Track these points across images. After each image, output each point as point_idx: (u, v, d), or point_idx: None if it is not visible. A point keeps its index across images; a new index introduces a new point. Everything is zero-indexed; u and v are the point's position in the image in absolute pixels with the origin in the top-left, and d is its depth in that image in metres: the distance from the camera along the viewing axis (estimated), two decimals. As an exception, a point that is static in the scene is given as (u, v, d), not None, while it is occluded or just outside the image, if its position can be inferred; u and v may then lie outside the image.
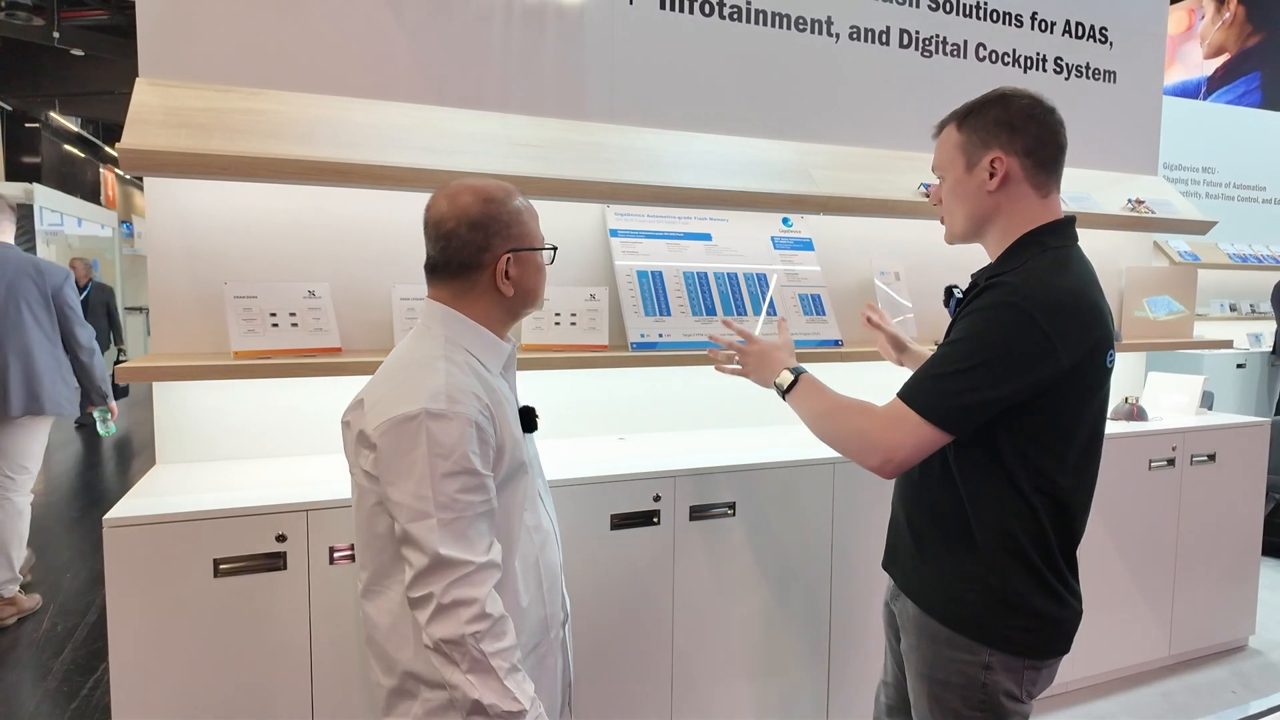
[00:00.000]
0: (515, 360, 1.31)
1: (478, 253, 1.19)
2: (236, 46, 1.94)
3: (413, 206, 2.10)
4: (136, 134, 1.70)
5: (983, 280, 1.26)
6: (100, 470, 5.93)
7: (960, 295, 1.34)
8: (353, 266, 2.05)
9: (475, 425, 1.09)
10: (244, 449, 2.00)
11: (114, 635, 1.52)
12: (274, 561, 1.61)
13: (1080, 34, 2.99)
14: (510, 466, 1.18)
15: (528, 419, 1.28)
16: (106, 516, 1.51)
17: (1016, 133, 1.24)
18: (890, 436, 1.19)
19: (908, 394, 1.21)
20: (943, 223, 1.37)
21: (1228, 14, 8.51)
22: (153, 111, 1.80)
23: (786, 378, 1.44)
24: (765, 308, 2.33)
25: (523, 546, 1.22)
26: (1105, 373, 1.24)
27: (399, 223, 2.10)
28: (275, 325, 1.86)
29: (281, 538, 1.61)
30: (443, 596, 1.03)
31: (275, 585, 1.61)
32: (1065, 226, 1.27)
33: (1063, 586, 1.25)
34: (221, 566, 1.57)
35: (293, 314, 1.89)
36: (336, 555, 1.65)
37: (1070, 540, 1.27)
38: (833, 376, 2.62)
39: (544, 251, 1.28)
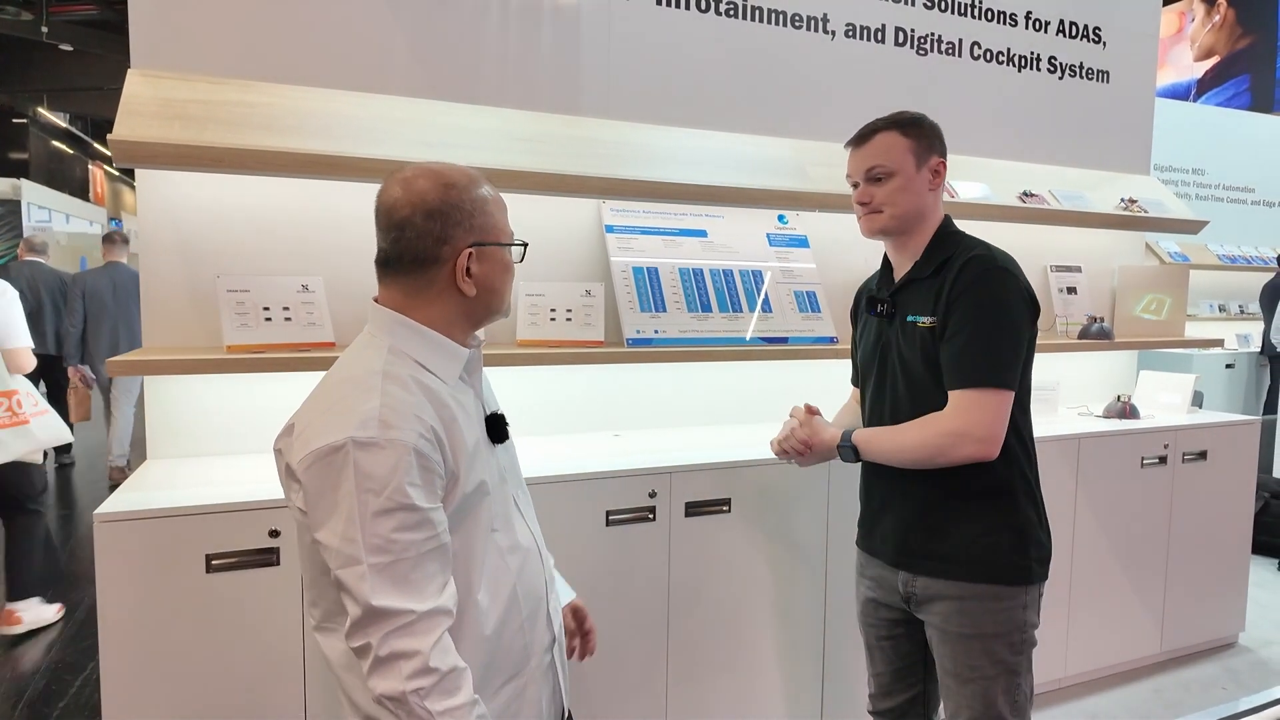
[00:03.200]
0: (480, 363, 1.15)
1: (435, 245, 1.03)
2: (229, 38, 1.92)
3: (407, 201, 2.09)
4: (128, 125, 1.68)
5: (927, 270, 1.46)
6: (92, 465, 5.87)
7: (887, 296, 1.53)
8: (347, 260, 2.04)
9: (415, 452, 0.94)
10: (237, 444, 1.98)
11: (104, 632, 1.50)
12: (266, 557, 1.59)
13: (1074, 34, 3.00)
14: (468, 489, 1.03)
15: (496, 428, 1.13)
16: (96, 511, 1.49)
17: (942, 143, 1.51)
18: (977, 421, 1.35)
19: (966, 379, 1.37)
20: (873, 217, 1.51)
21: (1217, 17, 8.58)
22: (145, 103, 1.78)
23: (848, 453, 1.54)
24: (760, 304, 2.34)
25: (492, 573, 1.07)
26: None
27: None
28: (268, 320, 1.84)
29: (274, 533, 1.60)
30: (380, 648, 0.90)
31: (268, 581, 1.60)
32: (952, 218, 1.55)
33: (1045, 517, 1.50)
34: (214, 562, 1.56)
35: (286, 308, 1.87)
36: (330, 551, 1.64)
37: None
38: (828, 373, 2.63)
39: (512, 248, 1.12)
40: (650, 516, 1.94)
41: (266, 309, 1.85)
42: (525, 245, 1.15)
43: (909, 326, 1.47)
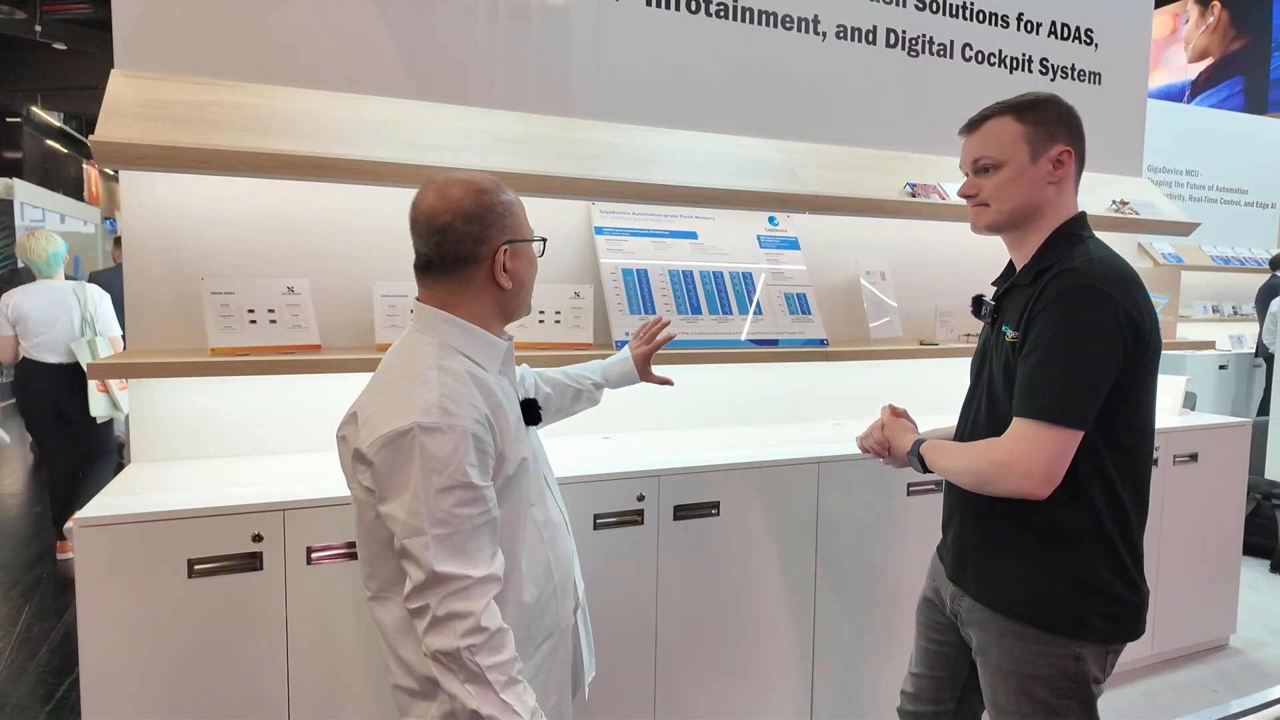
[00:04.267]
0: (513, 356, 1.29)
1: (474, 245, 1.16)
2: (215, 38, 1.91)
3: (394, 202, 2.08)
4: (111, 126, 1.67)
5: (1028, 277, 1.31)
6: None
7: (991, 302, 1.41)
8: (333, 262, 2.03)
9: (472, 436, 1.07)
10: (221, 447, 1.97)
11: (84, 638, 1.49)
12: (250, 562, 1.58)
13: (1066, 35, 3.00)
14: (513, 467, 1.17)
15: (530, 412, 1.27)
16: (76, 516, 1.48)
17: (1074, 130, 1.33)
18: (1024, 455, 1.20)
19: (1025, 408, 1.22)
20: (980, 211, 1.37)
21: (1211, 18, 8.59)
22: (128, 104, 1.76)
23: (916, 463, 1.44)
24: (753, 308, 2.33)
25: (530, 544, 1.21)
26: (1160, 346, 1.29)
27: (380, 218, 2.08)
28: (253, 322, 1.83)
29: (258, 537, 1.58)
30: (438, 609, 1.03)
31: (251, 586, 1.58)
32: (1086, 219, 1.36)
33: (1136, 569, 1.30)
34: (196, 567, 1.54)
35: (271, 310, 1.86)
36: (314, 555, 1.63)
37: (1143, 521, 1.32)
38: (816, 375, 2.63)
39: (535, 243, 1.26)
40: (638, 520, 1.93)
41: (251, 311, 1.84)
42: (545, 241, 1.29)
43: (1000, 338, 1.34)
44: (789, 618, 2.13)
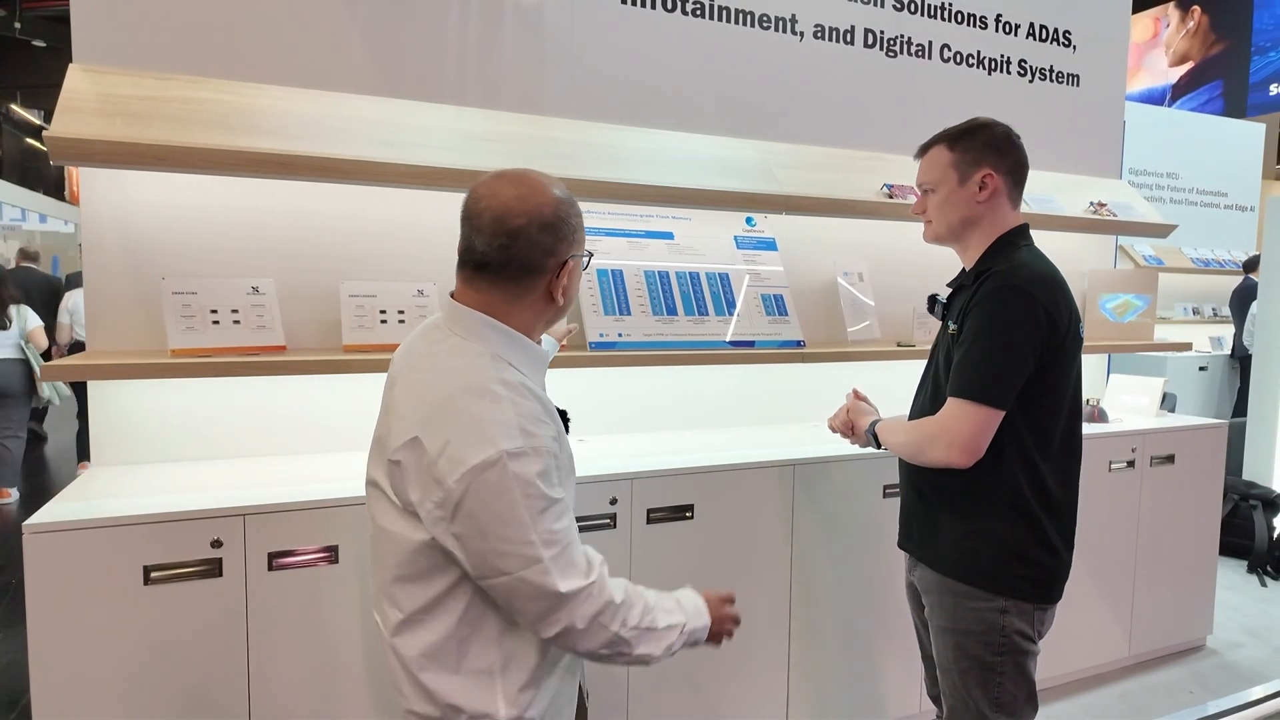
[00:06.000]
0: (547, 364, 1.23)
1: (544, 256, 1.08)
2: (178, 33, 1.87)
3: (361, 201, 2.05)
4: (67, 122, 1.63)
5: (970, 279, 1.51)
6: (44, 476, 5.75)
7: (943, 300, 1.61)
8: (300, 262, 1.99)
9: (550, 454, 1.04)
10: (183, 451, 1.92)
11: (35, 649, 1.44)
12: (209, 568, 1.54)
13: (1044, 37, 3.00)
14: (566, 474, 1.14)
15: (564, 421, 1.23)
16: (27, 522, 1.44)
17: (1002, 155, 1.50)
18: (951, 428, 1.39)
19: (955, 388, 1.41)
20: (926, 226, 1.59)
21: (1192, 23, 8.67)
22: (86, 99, 1.72)
23: (871, 440, 1.65)
24: (731, 308, 2.31)
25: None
26: (1079, 341, 1.49)
27: (348, 217, 2.05)
28: (216, 323, 1.79)
29: (217, 543, 1.55)
30: (579, 622, 1.02)
31: (210, 594, 1.55)
32: (1027, 230, 1.55)
33: (1060, 539, 1.47)
34: (153, 575, 1.50)
35: (235, 310, 1.82)
36: (276, 561, 1.59)
37: (1068, 498, 1.49)
38: (793, 378, 2.61)
39: (586, 256, 1.20)
40: (611, 524, 1.90)
41: (214, 311, 1.80)
42: (592, 255, 1.24)
43: (945, 331, 1.55)
44: (765, 622, 2.11)
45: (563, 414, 1.23)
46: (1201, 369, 6.12)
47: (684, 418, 2.51)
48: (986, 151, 1.48)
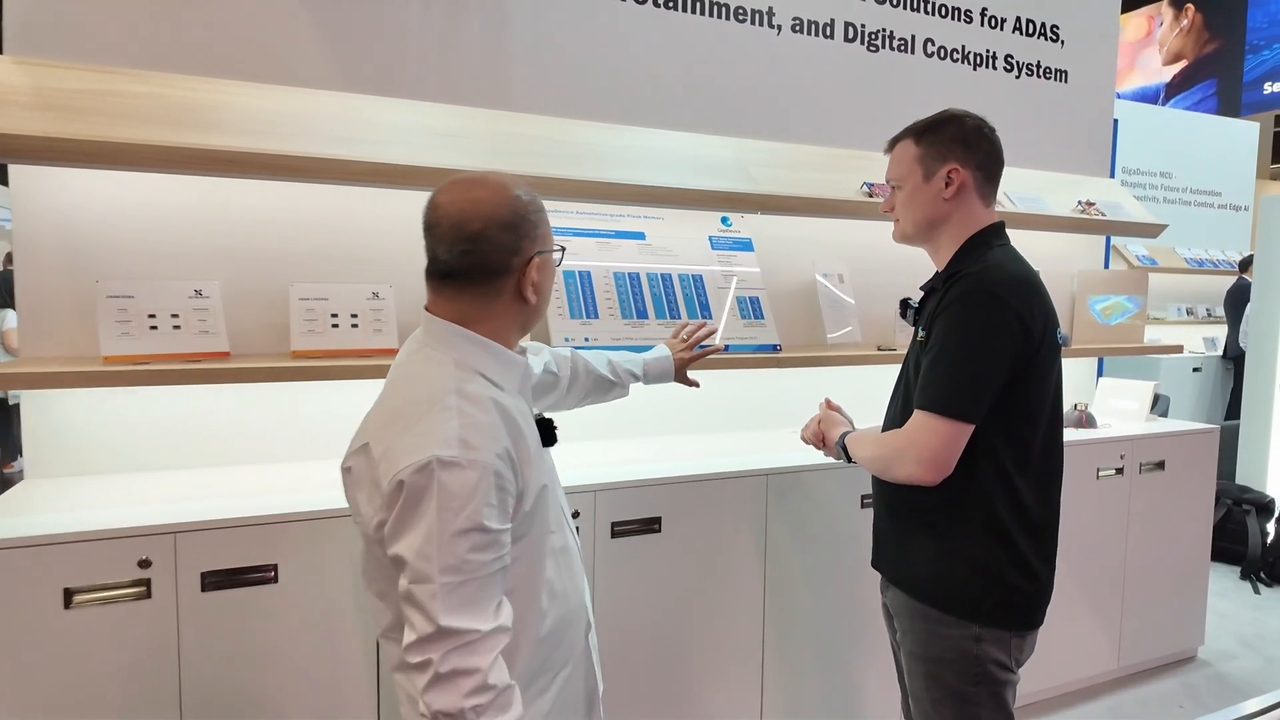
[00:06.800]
0: (529, 372, 1.19)
1: (508, 257, 1.07)
2: (121, 24, 1.78)
3: (314, 198, 1.96)
4: (-6, 116, 1.54)
5: (940, 282, 1.41)
6: None
7: (915, 305, 1.51)
8: (248, 263, 1.90)
9: (494, 474, 0.98)
10: (123, 462, 1.83)
11: (-53, 675, 1.35)
12: (137, 590, 1.45)
13: (1031, 31, 2.92)
14: (531, 500, 1.07)
15: (546, 433, 1.18)
16: (-63, 542, 1.35)
17: (970, 149, 1.40)
18: (917, 443, 1.29)
19: (921, 400, 1.31)
20: (895, 224, 1.50)
21: (1185, 21, 8.61)
22: (17, 92, 1.63)
23: (841, 452, 1.55)
24: (726, 312, 2.24)
25: (549, 575, 1.13)
26: (1057, 347, 1.38)
27: (300, 215, 1.96)
28: (154, 328, 1.70)
29: (145, 563, 1.46)
30: (441, 665, 0.93)
31: (138, 617, 1.46)
32: (1002, 229, 1.45)
33: (1039, 560, 1.37)
34: (75, 597, 1.41)
35: (175, 315, 1.73)
36: (209, 582, 1.50)
37: (1048, 516, 1.39)
38: (771, 382, 2.52)
39: (557, 252, 1.17)
40: (573, 538, 1.81)
41: (153, 316, 1.71)
42: (564, 250, 1.21)
43: (915, 337, 1.46)
44: (735, 640, 2.02)
45: (546, 425, 1.18)
46: (1195, 370, 6.05)
47: (653, 424, 2.42)
48: (953, 145, 1.39)
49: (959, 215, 1.41)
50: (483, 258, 1.06)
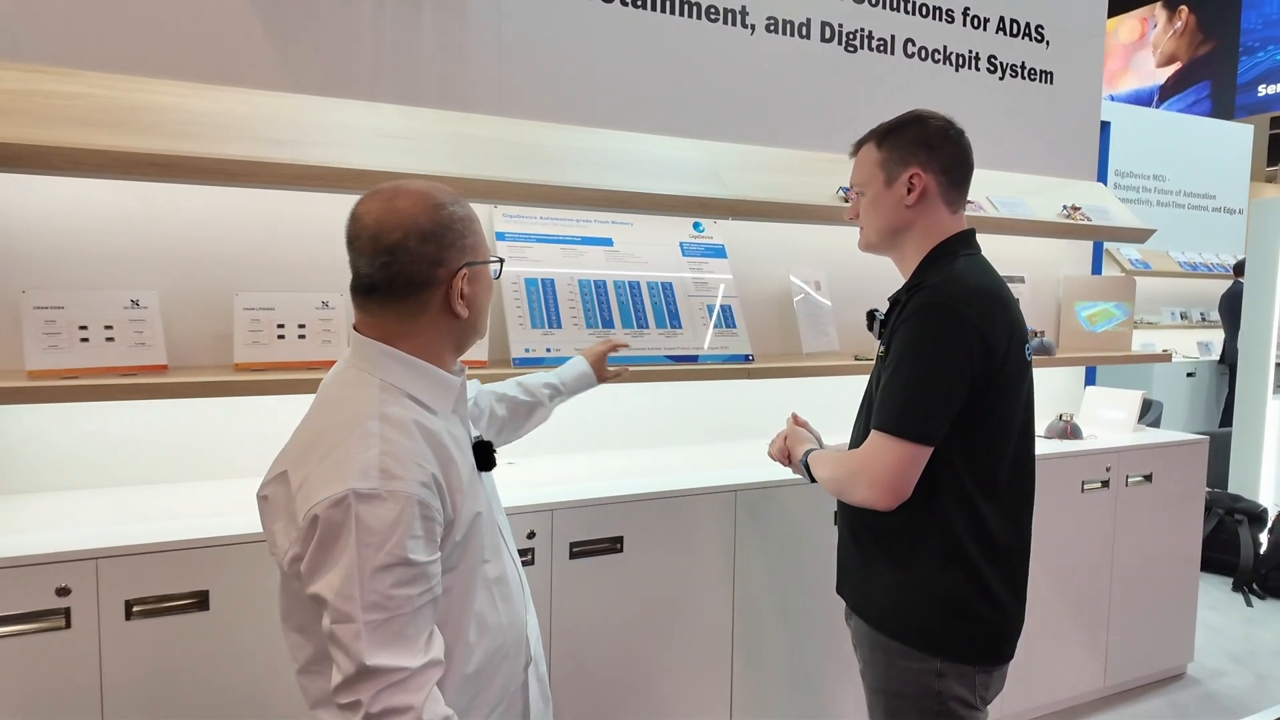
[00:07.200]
0: (466, 392, 1.12)
1: (430, 268, 1.01)
2: (45, 19, 1.69)
3: (260, 204, 1.87)
4: (-96, 117, 1.46)
5: (904, 294, 1.33)
6: None
7: (881, 316, 1.43)
8: (190, 271, 1.82)
9: (418, 504, 0.92)
10: (39, 482, 1.73)
11: None
12: (54, 620, 1.37)
13: (1015, 32, 2.85)
14: (463, 530, 1.01)
15: (484, 457, 1.11)
16: None
17: (934, 151, 1.32)
18: (872, 465, 1.23)
19: (877, 420, 1.24)
20: (859, 232, 1.45)
21: (1179, 23, 8.56)
22: (-64, 93, 1.55)
23: (804, 471, 1.47)
24: (713, 320, 2.16)
25: (481, 608, 1.06)
26: (1026, 363, 1.31)
27: (245, 222, 1.88)
28: (85, 340, 1.62)
29: (64, 591, 1.37)
30: (371, 705, 0.88)
31: (56, 648, 1.37)
32: (971, 237, 1.37)
33: (1007, 590, 1.29)
34: (-15, 628, 1.33)
35: (109, 327, 1.65)
36: (135, 610, 1.42)
37: (1017, 543, 1.31)
38: (741, 394, 2.44)
39: (493, 264, 1.11)
40: (528, 560, 1.73)
41: (84, 328, 1.62)
42: (502, 262, 1.15)
43: (878, 351, 1.38)
44: (703, 666, 1.94)
45: (484, 448, 1.11)
46: (1189, 375, 5.98)
47: (617, 436, 2.33)
48: (915, 149, 1.31)
49: (923, 223, 1.33)
50: (403, 269, 1.00)
